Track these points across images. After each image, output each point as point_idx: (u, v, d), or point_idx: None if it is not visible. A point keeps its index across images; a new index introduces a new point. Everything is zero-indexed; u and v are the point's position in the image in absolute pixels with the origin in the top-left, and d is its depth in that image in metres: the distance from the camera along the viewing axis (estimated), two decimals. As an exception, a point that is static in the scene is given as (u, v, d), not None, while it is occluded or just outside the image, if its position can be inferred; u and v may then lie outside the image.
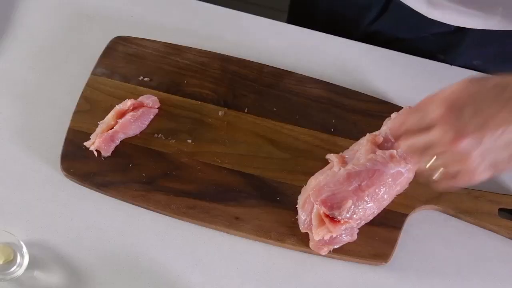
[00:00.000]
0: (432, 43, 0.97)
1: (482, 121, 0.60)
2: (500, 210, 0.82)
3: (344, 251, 0.77)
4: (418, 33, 0.96)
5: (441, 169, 0.65)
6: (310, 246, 0.77)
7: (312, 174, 0.79)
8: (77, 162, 0.81)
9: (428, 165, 0.65)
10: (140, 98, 0.85)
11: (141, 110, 0.84)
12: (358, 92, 0.89)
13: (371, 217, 0.77)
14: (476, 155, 0.61)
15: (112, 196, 0.80)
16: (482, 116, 0.60)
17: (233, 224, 0.79)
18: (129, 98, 0.84)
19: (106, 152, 0.81)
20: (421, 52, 0.96)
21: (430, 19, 0.90)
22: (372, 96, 0.89)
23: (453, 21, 0.89)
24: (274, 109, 0.87)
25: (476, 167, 0.62)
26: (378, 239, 0.78)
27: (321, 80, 0.90)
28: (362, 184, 0.73)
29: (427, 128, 0.63)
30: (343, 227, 0.73)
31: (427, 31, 0.95)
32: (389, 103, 0.88)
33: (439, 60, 0.95)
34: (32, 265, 0.75)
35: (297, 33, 0.96)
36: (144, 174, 0.81)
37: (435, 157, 0.64)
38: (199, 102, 0.87)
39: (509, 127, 0.60)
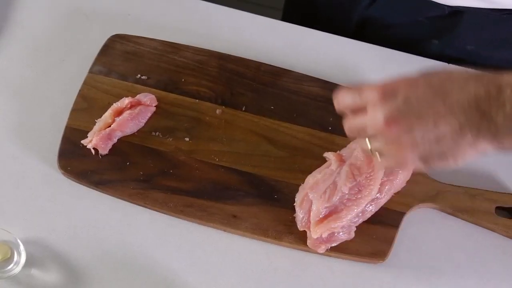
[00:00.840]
0: (426, 28, 0.96)
1: (415, 110, 0.60)
2: (497, 208, 0.82)
3: (341, 250, 0.77)
4: (412, 17, 0.96)
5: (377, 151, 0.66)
6: (307, 244, 0.77)
7: (310, 172, 0.79)
8: (75, 160, 0.81)
9: (368, 147, 0.66)
10: (138, 96, 0.85)
11: (138, 108, 0.84)
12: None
13: (368, 215, 0.78)
14: (406, 143, 0.61)
15: (109, 194, 0.80)
16: (417, 105, 0.60)
17: (230, 222, 0.79)
18: (126, 96, 0.84)
19: (104, 150, 0.81)
20: (415, 37, 0.95)
21: (425, 1, 0.90)
22: (369, 95, 0.89)
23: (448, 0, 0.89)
24: (272, 107, 0.87)
25: (405, 155, 0.62)
26: (375, 237, 0.78)
27: (319, 78, 0.90)
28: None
29: (363, 110, 0.64)
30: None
31: (422, 14, 0.95)
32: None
33: (433, 45, 0.95)
34: (29, 263, 0.75)
35: (295, 31, 0.96)
36: (141, 172, 0.81)
37: (368, 140, 0.65)
38: (197, 100, 0.87)
39: (441, 122, 0.59)
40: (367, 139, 0.66)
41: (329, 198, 0.75)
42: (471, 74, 0.61)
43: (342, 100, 0.67)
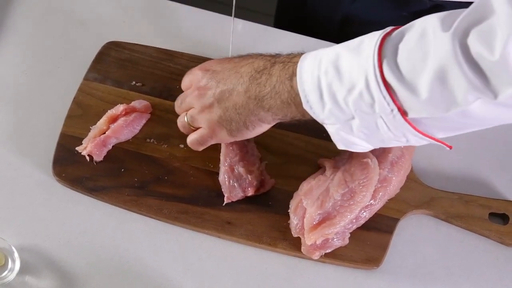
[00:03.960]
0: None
1: (217, 79, 0.73)
2: (491, 214, 0.82)
3: (335, 256, 0.77)
4: (396, 12, 0.97)
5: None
6: (302, 250, 0.77)
7: (304, 179, 0.80)
8: (69, 167, 0.81)
9: (185, 119, 0.78)
10: (132, 103, 0.85)
11: (133, 115, 0.84)
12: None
13: (362, 222, 0.78)
14: (210, 105, 0.73)
15: (104, 201, 0.80)
16: (219, 75, 0.73)
17: (225, 229, 0.79)
18: (121, 103, 0.85)
19: (98, 157, 0.81)
20: None
21: None
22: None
23: None
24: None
25: (211, 118, 0.74)
26: (369, 243, 0.79)
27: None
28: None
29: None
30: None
31: (405, 9, 0.96)
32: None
33: None
34: (23, 270, 0.75)
35: (288, 38, 0.97)
36: (136, 179, 0.81)
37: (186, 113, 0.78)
38: (192, 107, 0.87)
39: (234, 90, 0.71)
40: (185, 114, 0.78)
41: (322, 204, 0.75)
42: (262, 54, 0.73)
43: (183, 83, 0.79)
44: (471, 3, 0.86)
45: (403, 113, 0.60)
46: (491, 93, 0.54)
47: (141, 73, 0.89)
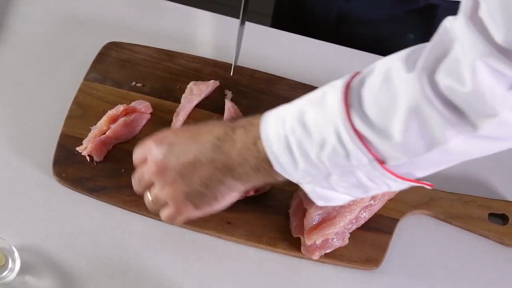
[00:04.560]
0: (402, 23, 0.97)
1: (177, 152, 0.67)
2: (490, 215, 0.82)
3: (335, 256, 0.78)
4: (390, 11, 0.97)
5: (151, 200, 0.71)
6: (301, 250, 0.77)
7: (304, 179, 0.80)
8: (69, 167, 0.81)
9: (149, 198, 0.71)
10: (133, 104, 0.85)
11: (133, 115, 0.84)
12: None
13: (362, 222, 0.78)
14: (173, 182, 0.67)
15: (104, 201, 0.80)
16: (177, 148, 0.67)
17: (225, 229, 0.79)
18: (121, 104, 0.85)
19: (99, 157, 0.81)
20: (391, 33, 0.96)
21: None
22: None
23: None
24: (266, 114, 0.87)
25: (175, 195, 0.67)
26: (369, 244, 0.79)
27: (312, 86, 0.90)
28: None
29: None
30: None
31: (399, 8, 0.95)
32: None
33: (409, 40, 0.95)
34: (23, 270, 0.75)
35: (288, 39, 0.97)
36: (136, 179, 0.81)
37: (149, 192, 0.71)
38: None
39: (197, 162, 0.65)
40: (147, 193, 0.71)
41: None
42: (219, 121, 0.68)
43: (134, 157, 0.72)
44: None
45: (381, 162, 0.57)
46: (469, 127, 0.52)
47: (141, 73, 0.89)
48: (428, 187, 0.64)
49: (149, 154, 0.69)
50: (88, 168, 0.81)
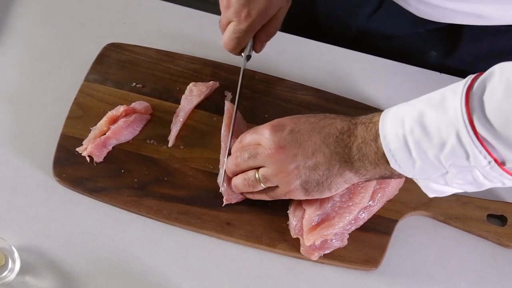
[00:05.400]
0: (425, 40, 0.97)
1: (298, 140, 0.71)
2: (489, 216, 0.83)
3: (334, 257, 0.78)
4: (412, 29, 0.97)
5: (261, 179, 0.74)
6: (301, 251, 0.77)
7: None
8: (69, 167, 0.81)
9: (256, 176, 0.74)
10: (133, 104, 0.85)
11: (133, 116, 0.84)
12: (348, 98, 0.90)
13: (361, 223, 0.78)
14: (291, 168, 0.71)
15: (104, 202, 0.81)
16: (299, 136, 0.71)
17: (224, 230, 0.79)
18: (121, 104, 0.85)
19: (99, 157, 0.82)
20: (414, 49, 0.96)
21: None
22: (361, 103, 0.90)
23: (442, 18, 0.90)
24: (266, 115, 0.87)
25: (290, 180, 0.71)
26: (368, 244, 0.79)
27: (312, 87, 0.90)
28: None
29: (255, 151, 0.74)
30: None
31: (421, 27, 0.96)
32: (378, 109, 0.89)
33: (432, 57, 0.95)
34: (23, 270, 0.75)
35: (288, 40, 0.97)
36: (136, 180, 0.81)
37: (258, 172, 0.74)
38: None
39: (317, 151, 0.70)
40: (254, 172, 0.75)
41: (321, 205, 0.75)
42: (339, 115, 0.72)
43: (245, 140, 0.76)
44: (488, 26, 0.87)
45: (501, 163, 0.59)
46: None
47: (141, 74, 0.90)
48: None
49: (265, 138, 0.72)
50: (88, 169, 0.81)
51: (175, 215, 0.79)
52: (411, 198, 0.82)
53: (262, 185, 0.75)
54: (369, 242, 0.79)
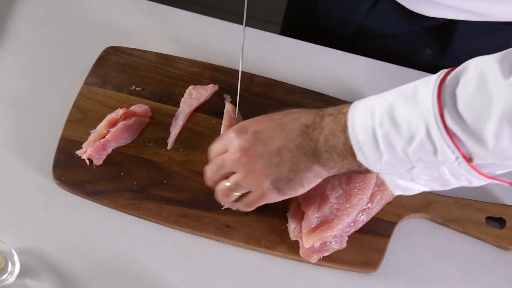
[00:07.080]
0: (421, 38, 0.98)
1: (262, 139, 0.69)
2: (488, 218, 0.83)
3: (333, 259, 0.78)
4: (408, 27, 0.97)
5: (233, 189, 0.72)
6: (300, 254, 0.77)
7: (302, 182, 0.80)
8: (69, 170, 0.82)
9: (227, 185, 0.72)
10: (132, 107, 0.86)
11: (133, 119, 0.84)
12: (347, 101, 0.90)
13: (360, 225, 0.78)
14: (259, 168, 0.69)
15: (103, 205, 0.81)
16: (263, 136, 0.69)
17: (223, 232, 0.79)
18: (121, 107, 0.85)
19: (98, 160, 0.82)
20: (409, 48, 0.96)
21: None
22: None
23: (437, 13, 0.90)
24: (265, 118, 0.87)
25: (260, 181, 0.70)
26: (367, 247, 0.79)
27: (311, 90, 0.91)
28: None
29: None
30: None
31: (417, 24, 0.96)
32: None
33: (427, 55, 0.96)
34: (23, 273, 0.75)
35: (287, 43, 0.98)
36: (135, 183, 0.81)
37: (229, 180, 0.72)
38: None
39: (282, 148, 0.68)
40: (225, 181, 0.72)
41: (319, 207, 0.76)
42: (304, 109, 0.70)
43: (213, 150, 0.74)
44: (482, 23, 0.87)
45: (468, 159, 0.58)
46: None
47: (141, 77, 0.90)
48: (506, 185, 0.64)
49: (230, 143, 0.71)
50: (88, 172, 0.82)
51: (175, 218, 0.79)
52: (410, 200, 0.82)
53: (235, 193, 0.73)
54: (368, 244, 0.79)
